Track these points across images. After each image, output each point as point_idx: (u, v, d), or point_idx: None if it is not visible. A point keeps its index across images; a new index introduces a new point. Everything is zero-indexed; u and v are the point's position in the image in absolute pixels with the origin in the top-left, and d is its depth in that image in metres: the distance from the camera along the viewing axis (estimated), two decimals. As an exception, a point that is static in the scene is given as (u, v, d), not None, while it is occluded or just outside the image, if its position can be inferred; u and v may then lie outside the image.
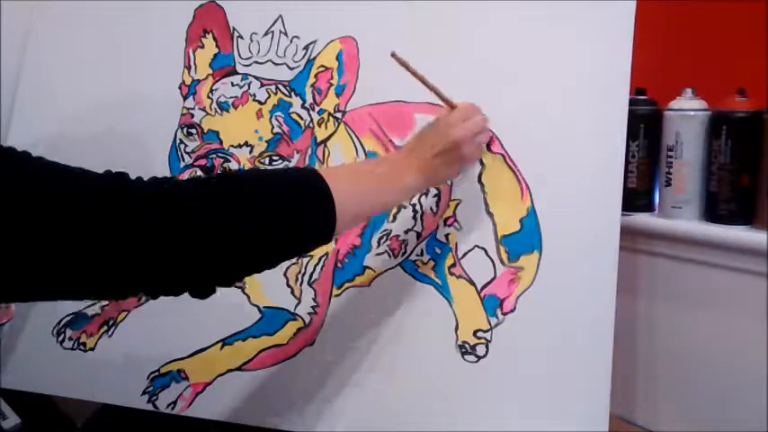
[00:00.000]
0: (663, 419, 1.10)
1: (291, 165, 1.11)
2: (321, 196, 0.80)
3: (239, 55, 1.15)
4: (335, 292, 1.08)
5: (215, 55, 1.17)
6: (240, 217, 0.74)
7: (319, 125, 1.12)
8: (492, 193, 1.05)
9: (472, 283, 1.04)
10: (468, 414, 1.02)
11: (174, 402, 1.10)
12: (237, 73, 1.15)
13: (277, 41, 1.15)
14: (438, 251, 1.06)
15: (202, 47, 1.17)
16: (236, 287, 1.12)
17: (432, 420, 1.03)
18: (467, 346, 1.03)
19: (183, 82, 1.17)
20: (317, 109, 1.12)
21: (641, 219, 1.11)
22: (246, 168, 0.87)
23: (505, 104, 1.05)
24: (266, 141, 1.12)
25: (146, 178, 0.77)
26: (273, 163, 1.11)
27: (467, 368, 1.03)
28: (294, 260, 1.09)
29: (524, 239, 1.03)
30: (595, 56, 1.03)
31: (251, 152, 1.12)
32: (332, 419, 1.06)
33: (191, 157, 1.14)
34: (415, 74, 0.97)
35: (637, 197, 1.12)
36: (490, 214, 1.05)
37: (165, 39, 1.19)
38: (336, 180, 0.82)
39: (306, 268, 1.09)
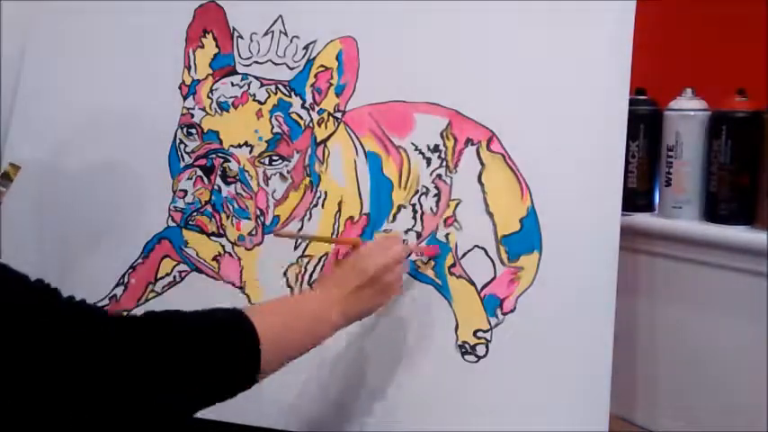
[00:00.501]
0: (663, 419, 1.10)
1: (291, 164, 1.11)
2: (247, 343, 0.78)
3: (239, 55, 1.15)
4: (335, 291, 1.08)
5: (215, 55, 1.17)
6: (165, 363, 0.72)
7: (319, 125, 1.12)
8: (492, 193, 1.05)
9: (472, 283, 1.04)
10: (469, 414, 1.02)
11: (174, 402, 1.10)
12: (237, 73, 1.15)
13: (277, 41, 1.15)
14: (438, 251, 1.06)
15: (202, 47, 1.17)
16: (236, 287, 1.12)
17: (432, 420, 1.03)
18: (467, 346, 1.03)
19: (183, 82, 1.17)
20: (316, 109, 1.12)
21: (641, 219, 1.11)
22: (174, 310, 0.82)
23: (505, 104, 1.05)
24: (266, 141, 1.12)
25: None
26: (273, 163, 1.11)
27: (467, 368, 1.03)
28: (294, 260, 1.10)
29: (524, 239, 1.03)
30: (595, 56, 1.03)
31: (251, 152, 1.12)
32: (332, 419, 1.06)
33: (191, 156, 1.14)
34: (307, 237, 0.95)
35: (637, 197, 1.12)
36: (490, 214, 1.05)
37: (165, 39, 1.19)
38: (266, 324, 0.79)
39: (306, 268, 1.09)
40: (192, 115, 1.15)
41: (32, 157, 1.22)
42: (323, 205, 1.10)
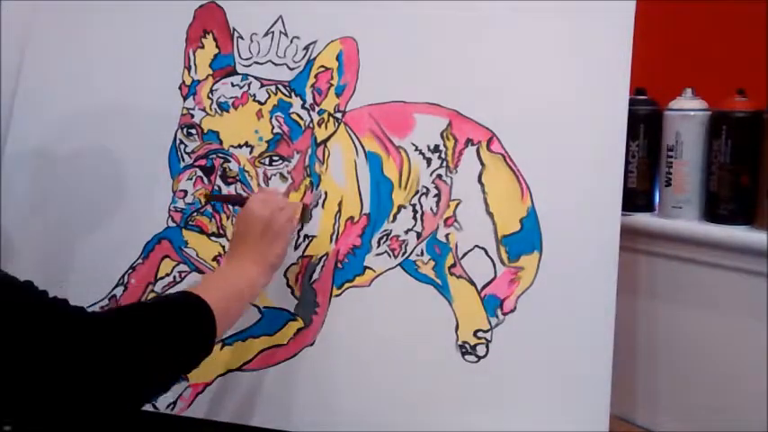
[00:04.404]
0: (663, 419, 1.10)
1: (291, 165, 1.11)
2: (205, 319, 0.86)
3: (239, 55, 1.15)
4: (335, 292, 1.08)
5: (215, 55, 1.17)
6: (140, 354, 0.78)
7: (319, 125, 1.12)
8: (492, 193, 1.05)
9: (472, 283, 1.04)
10: (468, 414, 1.02)
11: (174, 402, 1.10)
12: (237, 73, 1.15)
13: (277, 42, 1.15)
14: (438, 251, 1.06)
15: (202, 47, 1.17)
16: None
17: (432, 420, 1.03)
18: (467, 346, 1.03)
19: (184, 82, 1.17)
20: (317, 109, 1.12)
21: (641, 219, 1.11)
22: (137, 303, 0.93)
23: (505, 105, 1.05)
24: (266, 142, 1.12)
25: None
26: (273, 163, 1.11)
27: (467, 368, 1.03)
28: (294, 260, 1.10)
29: (524, 239, 1.03)
30: (595, 56, 1.03)
31: (251, 152, 1.12)
32: (332, 419, 1.06)
33: (191, 157, 1.14)
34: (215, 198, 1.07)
35: (637, 197, 1.12)
36: (490, 214, 1.05)
37: (165, 39, 1.19)
38: (213, 299, 0.87)
39: (306, 268, 1.09)
40: (192, 115, 1.15)
41: (32, 157, 1.22)
42: (323, 205, 1.10)
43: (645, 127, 1.11)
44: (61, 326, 0.73)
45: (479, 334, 1.03)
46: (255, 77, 1.14)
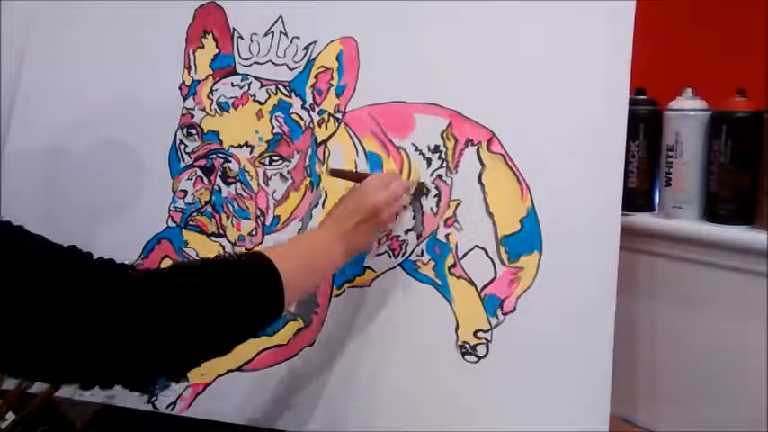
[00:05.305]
0: (663, 419, 1.10)
1: (292, 165, 1.11)
2: (273, 282, 0.83)
3: (239, 55, 1.15)
4: (335, 292, 1.08)
5: (215, 55, 1.17)
6: (199, 312, 0.76)
7: (319, 126, 1.12)
8: (492, 193, 1.05)
9: (472, 284, 1.04)
10: (469, 414, 1.02)
11: (174, 403, 1.10)
12: (237, 73, 1.15)
13: (277, 42, 1.15)
14: (438, 251, 1.06)
15: (202, 47, 1.17)
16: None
17: (432, 420, 1.03)
18: (467, 346, 1.03)
19: (184, 82, 1.17)
20: (317, 109, 1.12)
21: (641, 219, 1.11)
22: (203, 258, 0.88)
23: (505, 105, 1.05)
24: (266, 142, 1.12)
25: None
26: (273, 163, 1.11)
27: (467, 368, 1.03)
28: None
29: (524, 239, 1.03)
30: (595, 56, 1.03)
31: (251, 152, 1.12)
32: (332, 419, 1.06)
33: (191, 157, 1.14)
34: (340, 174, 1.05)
35: (637, 197, 1.12)
36: (490, 214, 1.05)
37: (165, 39, 1.19)
38: (284, 262, 0.84)
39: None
40: (192, 116, 1.15)
41: (32, 158, 1.22)
42: (323, 205, 1.10)
43: (645, 127, 1.11)
44: (111, 284, 0.74)
45: (479, 334, 1.03)
46: (255, 77, 1.14)
